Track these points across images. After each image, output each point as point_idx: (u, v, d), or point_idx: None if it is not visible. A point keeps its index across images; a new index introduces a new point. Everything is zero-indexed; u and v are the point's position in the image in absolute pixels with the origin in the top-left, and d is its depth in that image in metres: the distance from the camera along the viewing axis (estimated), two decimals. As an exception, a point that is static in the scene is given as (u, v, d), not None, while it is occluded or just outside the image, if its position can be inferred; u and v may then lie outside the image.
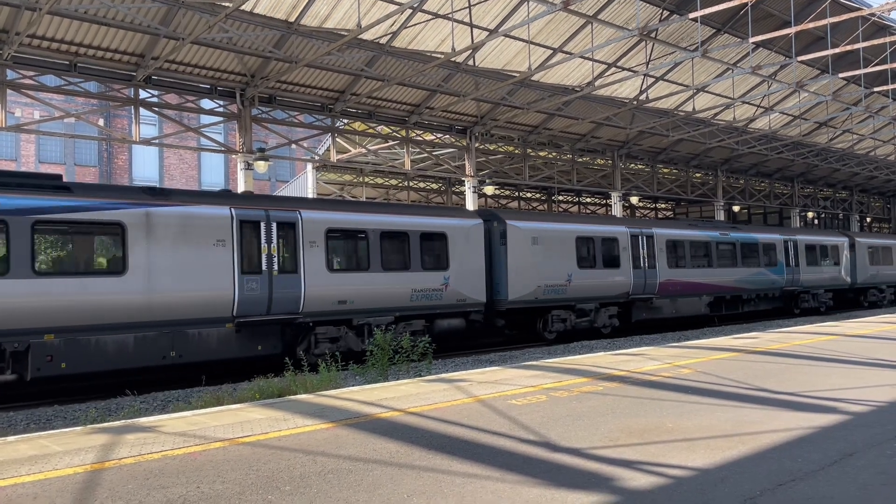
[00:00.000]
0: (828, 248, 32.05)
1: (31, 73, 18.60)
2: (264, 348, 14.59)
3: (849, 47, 20.42)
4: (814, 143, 36.27)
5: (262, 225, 14.60)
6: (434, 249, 17.75)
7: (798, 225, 45.29)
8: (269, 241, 14.56)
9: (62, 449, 6.66)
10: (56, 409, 11.46)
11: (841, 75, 24.37)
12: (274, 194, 36.33)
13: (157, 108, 20.99)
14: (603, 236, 22.42)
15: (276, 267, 14.57)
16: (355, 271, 16.17)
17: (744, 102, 29.13)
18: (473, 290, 18.53)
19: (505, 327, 20.75)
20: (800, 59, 22.13)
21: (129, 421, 8.08)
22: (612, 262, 22.55)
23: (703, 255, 26.24)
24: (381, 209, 18.78)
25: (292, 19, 18.72)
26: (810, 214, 50.05)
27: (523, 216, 22.10)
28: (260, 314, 14.34)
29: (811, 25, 18.38)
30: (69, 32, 17.59)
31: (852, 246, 33.66)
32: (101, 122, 38.15)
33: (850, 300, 35.55)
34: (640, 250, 23.42)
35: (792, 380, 10.03)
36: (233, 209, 14.34)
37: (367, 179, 38.25)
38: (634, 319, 23.56)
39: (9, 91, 18.43)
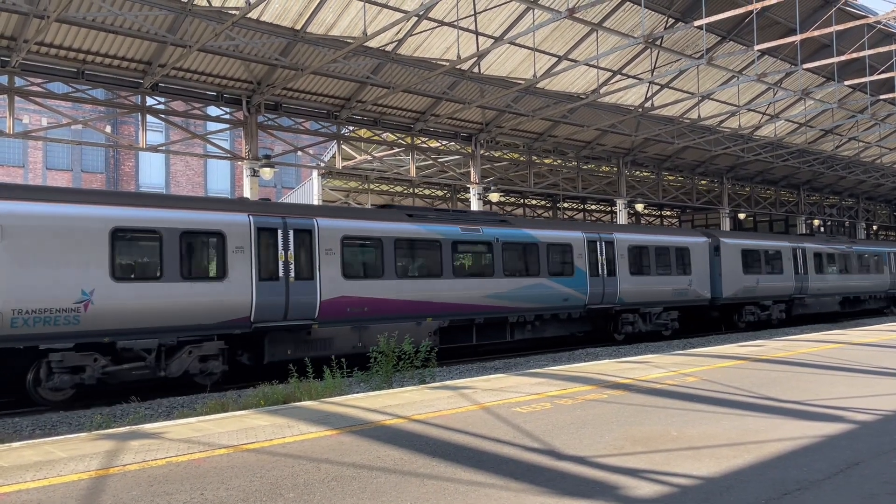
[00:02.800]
0: (670, 250, 24.07)
1: (39, 81, 18.72)
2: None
3: (854, 55, 20.41)
4: (820, 150, 36.20)
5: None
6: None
7: (804, 231, 45.14)
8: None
9: (67, 455, 6.68)
10: (61, 415, 11.48)
11: (847, 83, 24.35)
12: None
13: (163, 115, 21.10)
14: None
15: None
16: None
17: (749, 110, 29.11)
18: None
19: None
20: (805, 66, 22.11)
21: (133, 427, 8.09)
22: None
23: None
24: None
25: (298, 27, 18.80)
26: (816, 222, 49.89)
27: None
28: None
29: (817, 33, 18.37)
30: (77, 40, 17.71)
31: (716, 249, 26.08)
32: (108, 128, 38.29)
33: (714, 320, 27.50)
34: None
35: (797, 388, 9.99)
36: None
37: (372, 186, 38.32)
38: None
39: (17, 98, 18.57)
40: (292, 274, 14.86)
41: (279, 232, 14.78)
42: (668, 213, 55.38)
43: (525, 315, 19.59)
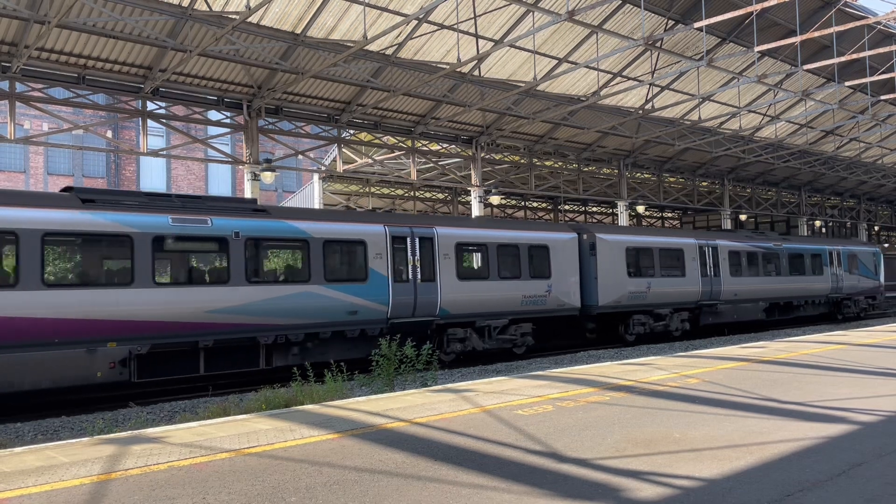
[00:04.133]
0: (520, 249, 19.60)
1: (40, 86, 18.76)
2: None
3: (855, 56, 20.41)
4: (820, 151, 36.20)
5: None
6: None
7: (805, 232, 45.11)
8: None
9: (69, 460, 6.68)
10: (63, 420, 11.48)
11: (847, 84, 24.34)
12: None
13: (164, 120, 21.12)
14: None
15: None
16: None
17: (750, 111, 29.12)
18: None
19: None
20: (806, 67, 22.12)
21: (135, 432, 8.09)
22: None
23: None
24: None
25: (299, 31, 18.83)
26: (818, 223, 49.87)
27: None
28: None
29: (817, 34, 18.38)
30: (77, 45, 17.75)
31: (591, 247, 21.49)
32: (109, 133, 38.41)
33: (593, 332, 22.77)
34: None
35: (799, 389, 9.97)
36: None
37: (373, 190, 38.35)
38: None
39: (18, 103, 18.60)
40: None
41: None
42: (670, 214, 55.37)
43: (288, 334, 15.00)
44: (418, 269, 17.37)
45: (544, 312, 20.11)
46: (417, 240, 17.46)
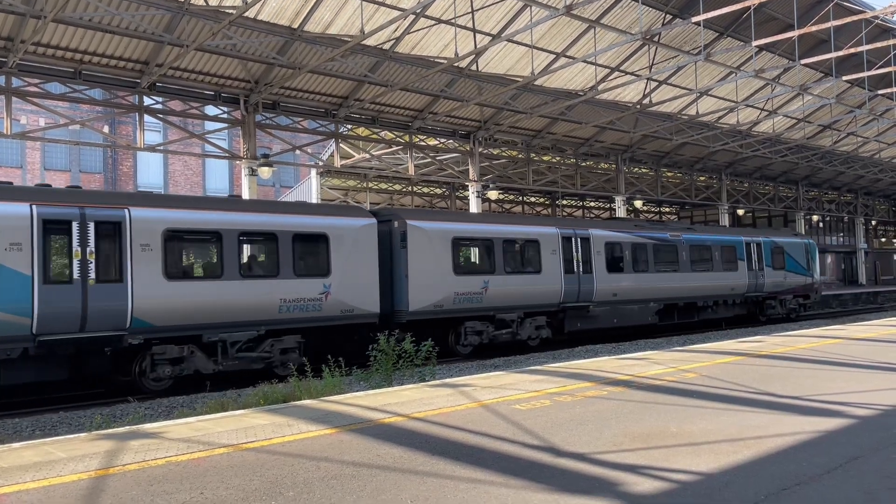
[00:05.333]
0: (277, 239, 15.09)
1: (36, 81, 18.70)
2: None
3: (852, 50, 20.42)
4: (818, 145, 36.23)
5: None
6: None
7: (802, 227, 45.15)
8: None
9: (67, 455, 6.68)
10: (61, 416, 11.48)
11: (845, 78, 24.36)
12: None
13: (161, 115, 21.09)
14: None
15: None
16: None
17: (747, 106, 29.13)
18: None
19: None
20: (803, 62, 22.12)
21: (133, 427, 8.09)
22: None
23: None
24: None
25: (296, 26, 18.78)
26: (815, 218, 49.94)
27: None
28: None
29: (814, 28, 18.38)
30: (74, 40, 17.69)
31: (403, 236, 17.32)
32: (105, 129, 38.26)
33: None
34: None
35: (797, 383, 9.99)
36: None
37: (370, 185, 38.31)
38: None
39: (14, 99, 18.55)
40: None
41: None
42: (668, 209, 55.42)
43: None
44: (87, 266, 12.61)
45: (320, 321, 15.51)
46: (92, 226, 12.73)
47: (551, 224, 21.26)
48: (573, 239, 21.06)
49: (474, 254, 19.19)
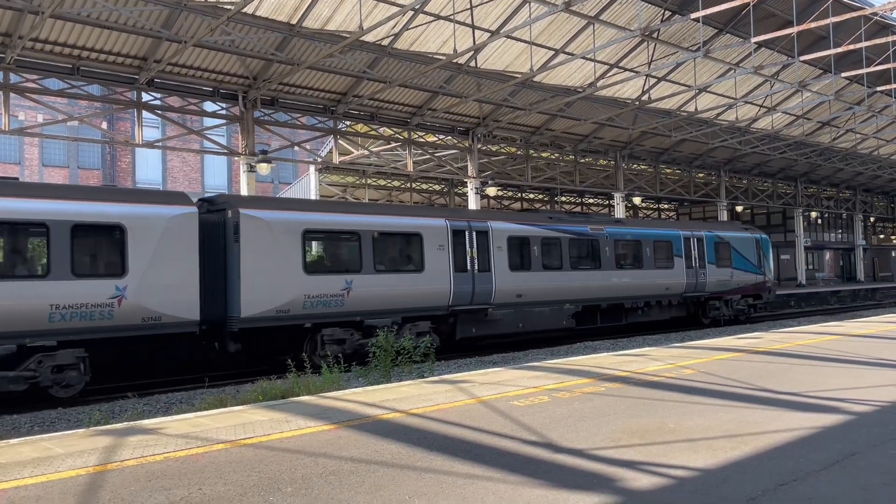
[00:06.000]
0: (49, 230, 12.31)
1: (35, 77, 18.67)
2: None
3: (851, 47, 20.40)
4: (817, 142, 36.24)
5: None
6: None
7: (801, 224, 45.02)
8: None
9: (65, 451, 6.68)
10: (60, 412, 11.48)
11: (843, 75, 24.36)
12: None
13: (159, 111, 21.05)
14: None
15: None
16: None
17: (746, 102, 29.11)
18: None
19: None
20: (802, 58, 22.12)
21: (131, 423, 8.09)
22: None
23: None
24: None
25: (294, 21, 18.75)
26: (814, 214, 49.97)
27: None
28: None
29: (813, 25, 18.37)
30: (72, 36, 17.65)
31: (235, 228, 14.74)
32: (104, 125, 38.23)
33: (233, 360, 15.76)
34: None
35: (794, 380, 10.01)
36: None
37: (369, 181, 38.29)
38: None
39: (12, 95, 18.51)
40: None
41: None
42: (666, 206, 55.43)
43: None
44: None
45: (111, 331, 12.80)
46: None
47: (439, 215, 18.56)
48: (467, 232, 18.48)
49: (333, 249, 16.50)
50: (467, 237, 18.53)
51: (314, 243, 16.15)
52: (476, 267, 18.53)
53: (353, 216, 16.73)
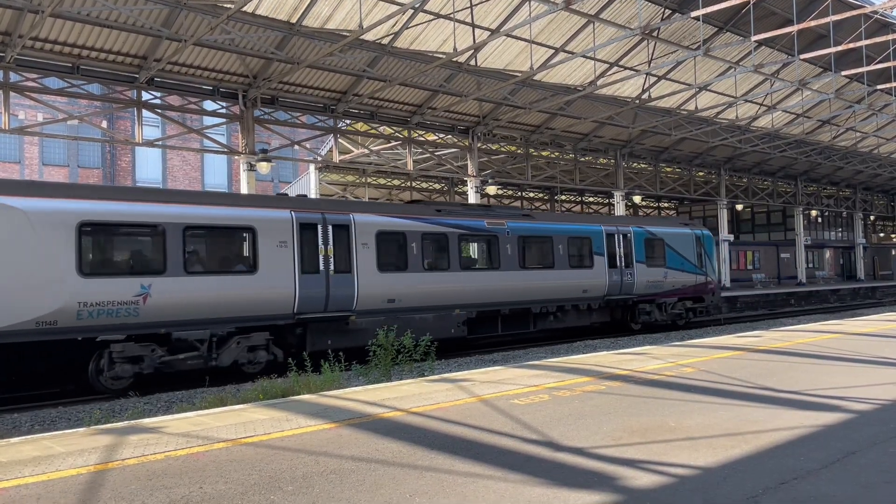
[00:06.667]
0: None
1: (35, 76, 18.66)
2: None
3: (851, 45, 20.40)
4: (817, 141, 36.22)
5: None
6: None
7: (801, 223, 44.98)
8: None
9: (66, 450, 6.68)
10: (60, 411, 11.48)
11: (843, 73, 24.35)
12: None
13: (159, 110, 21.04)
14: None
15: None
16: None
17: (746, 101, 29.10)
18: None
19: None
20: (802, 57, 22.10)
21: (132, 422, 8.10)
22: None
23: None
24: None
25: (294, 20, 18.74)
26: (814, 213, 49.94)
27: None
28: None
29: (813, 24, 18.35)
30: (72, 35, 17.64)
31: None
32: (104, 124, 38.22)
33: None
34: None
35: (795, 378, 10.01)
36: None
37: (369, 180, 38.29)
38: None
39: (12, 94, 18.50)
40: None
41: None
42: (666, 204, 55.43)
43: None
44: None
45: None
46: None
47: (282, 205, 15.54)
48: (320, 226, 15.71)
49: (124, 246, 13.43)
50: (321, 232, 15.65)
51: (94, 238, 12.82)
52: (332, 267, 15.71)
53: (153, 206, 13.62)
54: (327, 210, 16.06)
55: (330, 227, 15.85)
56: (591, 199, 50.28)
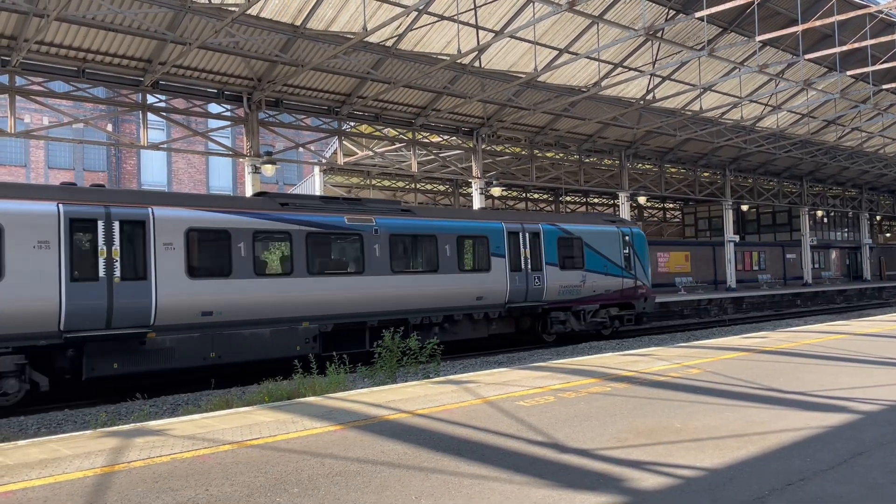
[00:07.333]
0: None
1: (40, 80, 18.73)
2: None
3: (856, 45, 20.32)
4: (822, 141, 36.10)
5: None
6: None
7: (807, 224, 44.80)
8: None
9: (72, 453, 6.70)
10: (67, 413, 11.52)
11: (849, 73, 24.25)
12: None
13: (164, 113, 21.10)
14: None
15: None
16: None
17: (751, 101, 29.03)
18: None
19: None
20: (807, 57, 22.03)
21: (138, 424, 8.12)
22: None
23: None
24: None
25: (298, 23, 18.78)
26: (819, 213, 49.77)
27: None
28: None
29: (818, 23, 18.30)
30: (77, 38, 17.70)
31: None
32: (109, 127, 38.33)
33: None
34: None
35: (801, 379, 9.98)
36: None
37: (374, 182, 38.32)
38: None
39: (18, 97, 18.57)
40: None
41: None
42: (671, 205, 55.32)
43: None
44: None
45: None
46: None
47: (45, 197, 12.78)
48: (102, 223, 12.99)
49: None
50: (102, 230, 12.95)
51: None
52: (117, 273, 12.98)
53: None
54: (114, 202, 13.26)
55: (117, 224, 13.07)
56: (596, 201, 50.22)
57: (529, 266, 19.67)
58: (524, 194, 45.30)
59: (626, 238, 22.59)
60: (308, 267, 15.44)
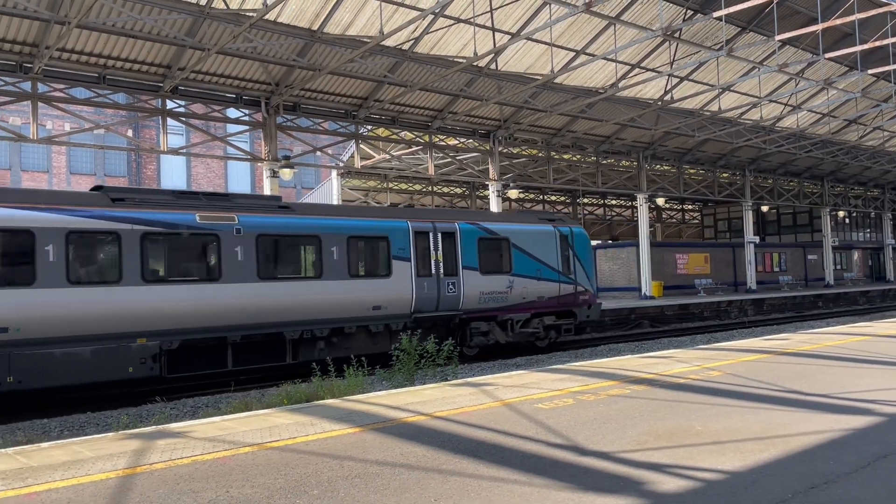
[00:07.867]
0: None
1: (62, 86, 18.98)
2: None
3: (877, 43, 20.10)
4: (843, 141, 35.70)
5: None
6: None
7: (828, 224, 44.26)
8: None
9: (95, 455, 6.77)
10: (89, 416, 11.64)
11: (870, 72, 23.97)
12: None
13: (183, 118, 21.30)
14: None
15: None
16: None
17: (771, 101, 28.77)
18: None
19: None
20: (827, 55, 21.81)
21: (159, 427, 8.18)
22: None
23: None
24: None
25: (315, 27, 18.88)
26: (841, 213, 49.19)
27: None
28: None
29: (838, 22, 18.12)
30: (98, 45, 17.92)
31: None
32: (129, 132, 38.77)
33: None
34: None
35: (823, 381, 9.86)
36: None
37: (391, 185, 38.40)
38: None
39: (40, 104, 18.83)
40: None
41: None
42: (690, 206, 54.93)
43: None
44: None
45: None
46: None
47: None
48: None
49: None
50: None
51: None
52: None
53: None
54: None
55: None
56: (613, 202, 49.98)
57: (442, 270, 17.18)
58: (541, 196, 45.19)
59: (565, 239, 19.87)
60: (143, 273, 12.97)
